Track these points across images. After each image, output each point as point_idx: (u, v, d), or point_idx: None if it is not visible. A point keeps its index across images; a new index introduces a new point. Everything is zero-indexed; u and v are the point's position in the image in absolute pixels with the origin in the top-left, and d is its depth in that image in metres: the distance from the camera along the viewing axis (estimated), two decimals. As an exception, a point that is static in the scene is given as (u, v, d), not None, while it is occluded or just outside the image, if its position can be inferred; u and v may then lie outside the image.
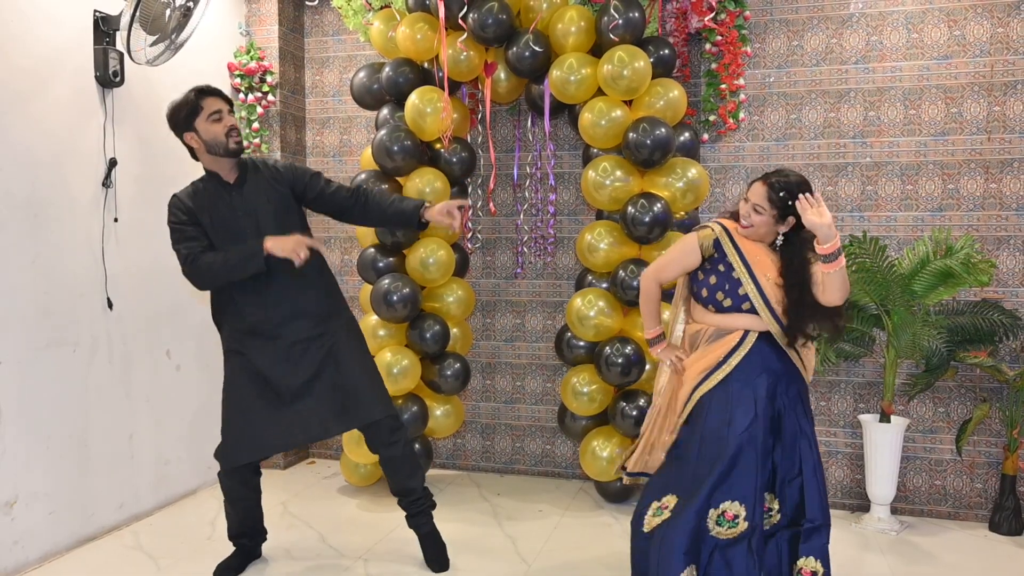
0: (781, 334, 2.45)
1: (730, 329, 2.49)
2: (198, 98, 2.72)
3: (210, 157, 2.78)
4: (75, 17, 3.25)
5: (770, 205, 2.38)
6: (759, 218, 2.40)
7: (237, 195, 2.80)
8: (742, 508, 2.35)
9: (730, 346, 2.46)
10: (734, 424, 2.39)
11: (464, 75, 3.75)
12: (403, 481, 3.03)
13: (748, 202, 2.42)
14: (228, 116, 2.75)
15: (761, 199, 2.39)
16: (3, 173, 2.95)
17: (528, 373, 4.36)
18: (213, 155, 2.76)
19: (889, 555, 3.29)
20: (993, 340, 3.54)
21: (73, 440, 3.27)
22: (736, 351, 2.45)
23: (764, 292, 2.41)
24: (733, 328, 2.48)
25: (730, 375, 2.44)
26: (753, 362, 2.44)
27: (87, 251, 3.33)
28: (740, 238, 2.47)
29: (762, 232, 2.43)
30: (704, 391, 2.47)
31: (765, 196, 2.39)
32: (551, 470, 4.35)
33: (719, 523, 2.35)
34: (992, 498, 3.66)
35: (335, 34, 4.56)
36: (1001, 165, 3.62)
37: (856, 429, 3.81)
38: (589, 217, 4.15)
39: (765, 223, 2.40)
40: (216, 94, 2.76)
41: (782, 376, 2.46)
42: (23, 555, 3.04)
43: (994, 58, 3.60)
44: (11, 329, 2.98)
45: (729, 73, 3.78)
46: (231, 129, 2.74)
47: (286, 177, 2.90)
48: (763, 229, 2.42)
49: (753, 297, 2.42)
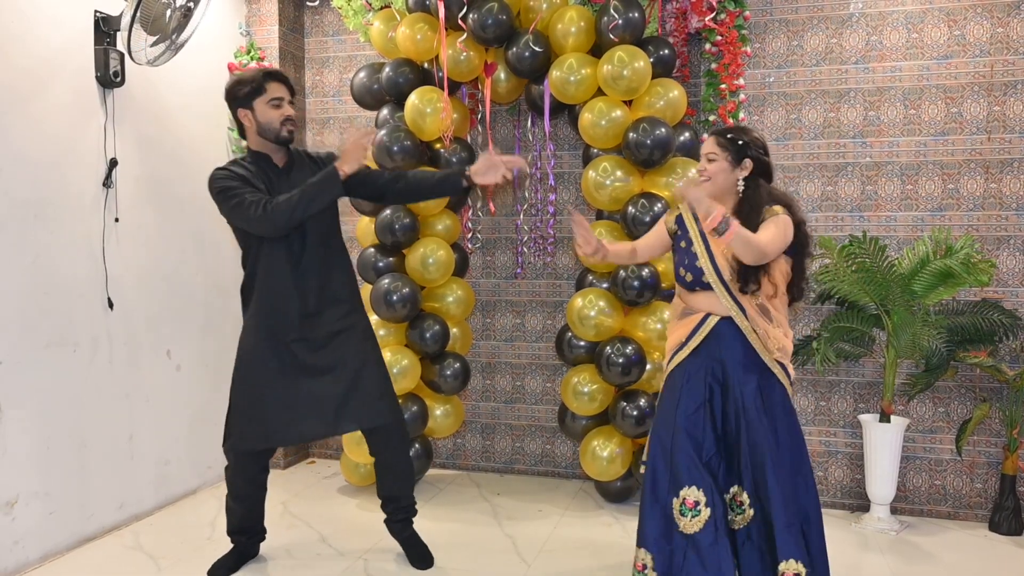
0: (737, 311, 2.39)
1: (693, 310, 2.47)
2: (264, 79, 2.72)
3: (259, 139, 2.78)
4: (76, 18, 3.25)
5: (721, 149, 2.37)
6: (715, 166, 2.38)
7: (284, 179, 2.79)
8: (700, 493, 2.31)
9: (691, 327, 2.46)
10: (680, 407, 2.40)
11: (464, 75, 3.75)
12: (397, 488, 3.06)
13: (702, 157, 2.43)
14: (287, 105, 2.76)
15: (712, 147, 2.39)
16: (3, 173, 2.95)
17: (528, 373, 4.36)
18: (263, 138, 2.77)
19: (889, 555, 3.29)
20: (993, 340, 3.54)
21: (73, 440, 3.27)
22: (695, 334, 2.44)
23: (716, 262, 2.38)
24: (696, 310, 2.47)
25: (687, 358, 2.44)
26: (711, 346, 2.42)
27: (87, 251, 3.33)
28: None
29: (721, 182, 2.39)
30: (670, 369, 2.50)
31: (715, 143, 2.39)
32: (551, 470, 4.35)
33: (683, 513, 2.33)
34: (992, 498, 3.66)
35: (335, 34, 4.56)
36: (1001, 165, 3.62)
37: (856, 429, 3.81)
38: (589, 217, 4.14)
39: (721, 169, 2.38)
40: (282, 80, 2.76)
41: (739, 365, 2.40)
42: (23, 555, 3.04)
43: (994, 58, 3.60)
44: (11, 329, 2.98)
45: (729, 73, 3.78)
46: (287, 118, 2.75)
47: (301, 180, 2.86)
48: (721, 178, 2.38)
49: (705, 268, 2.40)
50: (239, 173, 2.72)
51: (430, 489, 4.07)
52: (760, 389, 2.41)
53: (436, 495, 3.99)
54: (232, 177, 2.70)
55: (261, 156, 2.80)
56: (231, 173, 2.71)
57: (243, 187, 2.67)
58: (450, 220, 3.97)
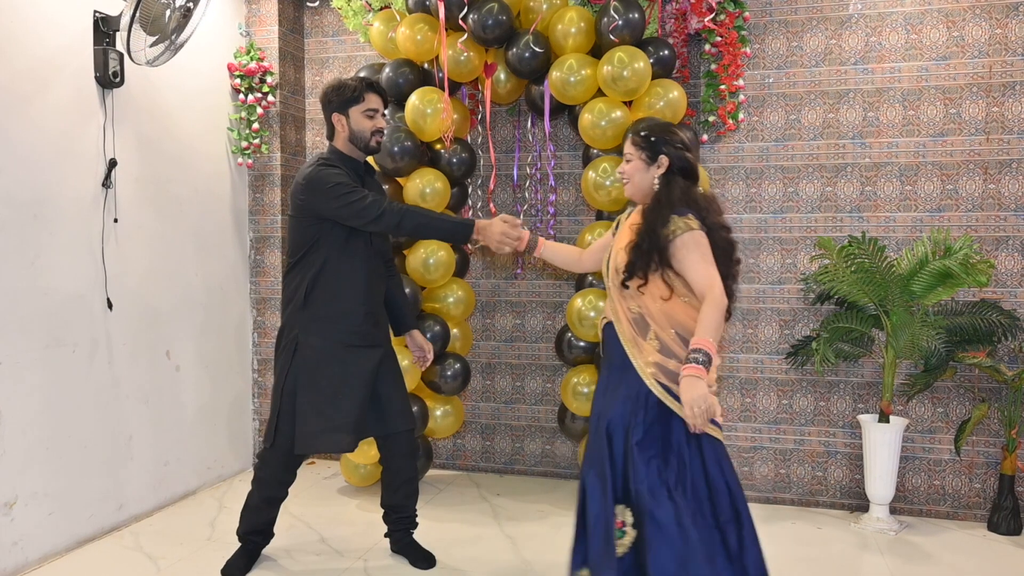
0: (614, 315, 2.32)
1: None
2: (364, 89, 2.77)
3: (349, 145, 2.83)
4: (75, 18, 3.24)
5: (636, 148, 2.33)
6: (631, 166, 2.34)
7: (367, 182, 2.91)
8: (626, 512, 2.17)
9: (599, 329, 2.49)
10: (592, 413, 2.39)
11: (464, 76, 3.75)
12: (402, 499, 3.09)
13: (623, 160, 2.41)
14: (380, 117, 2.81)
15: (628, 147, 2.36)
16: (3, 174, 2.95)
17: (528, 373, 4.37)
18: (353, 144, 2.82)
19: (888, 555, 3.30)
20: (992, 340, 3.55)
21: (72, 441, 3.27)
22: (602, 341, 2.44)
23: (611, 254, 2.38)
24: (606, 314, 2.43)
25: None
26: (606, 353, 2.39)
27: (87, 252, 3.33)
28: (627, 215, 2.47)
29: (638, 181, 2.33)
30: None
31: (630, 142, 2.36)
32: (551, 470, 4.35)
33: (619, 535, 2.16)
34: (991, 498, 3.67)
35: (335, 35, 4.56)
36: (1000, 166, 3.63)
37: (855, 429, 3.82)
38: (589, 218, 4.16)
39: (637, 169, 2.32)
40: (380, 92, 2.82)
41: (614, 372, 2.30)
42: (22, 556, 3.03)
43: (992, 59, 3.61)
44: (11, 330, 2.98)
45: (728, 74, 3.78)
46: (378, 130, 2.80)
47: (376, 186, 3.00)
48: (638, 177, 2.33)
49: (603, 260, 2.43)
50: (345, 173, 2.77)
51: (430, 489, 4.07)
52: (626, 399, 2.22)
53: (436, 495, 3.99)
54: (344, 175, 2.75)
55: (348, 159, 2.84)
56: (342, 171, 2.76)
57: (357, 186, 2.75)
58: (450, 220, 3.97)
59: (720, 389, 4.00)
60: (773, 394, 3.94)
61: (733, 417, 3.99)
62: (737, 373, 3.97)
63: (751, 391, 3.96)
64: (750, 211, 3.93)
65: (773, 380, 3.93)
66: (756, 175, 3.91)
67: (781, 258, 3.90)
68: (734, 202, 3.94)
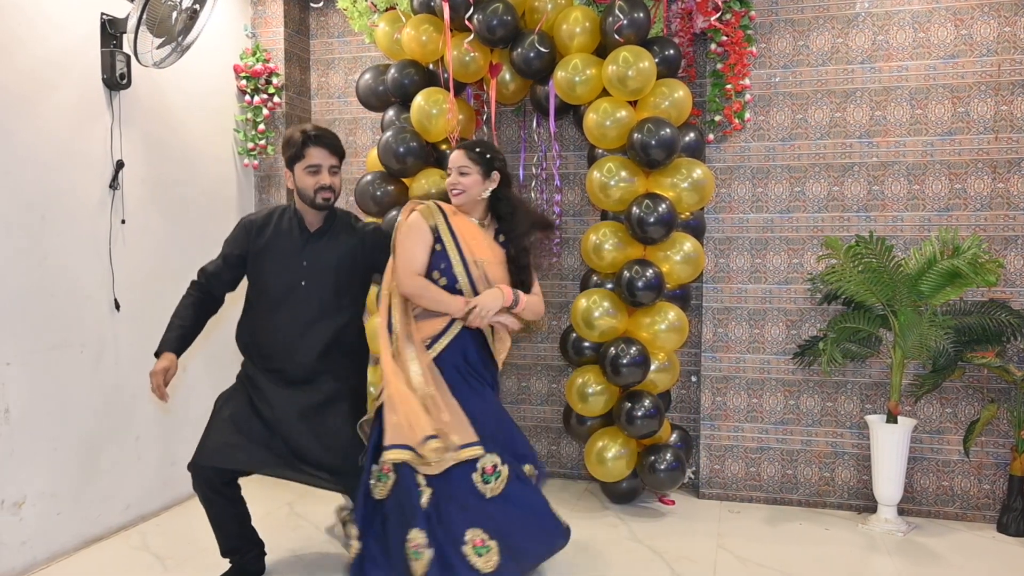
0: None
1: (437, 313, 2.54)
2: (303, 145, 2.67)
3: (299, 200, 2.75)
4: (82, 20, 3.26)
5: (472, 163, 2.53)
6: (467, 179, 2.53)
7: (312, 244, 2.73)
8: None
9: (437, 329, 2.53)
10: None
11: (469, 76, 3.75)
12: None
13: (452, 171, 2.55)
14: (326, 173, 2.67)
15: (463, 160, 2.54)
16: (11, 175, 2.96)
17: (533, 374, 4.36)
18: (302, 200, 2.74)
19: (896, 556, 3.28)
20: (1001, 340, 3.52)
21: (80, 441, 3.29)
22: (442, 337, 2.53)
23: (471, 274, 2.52)
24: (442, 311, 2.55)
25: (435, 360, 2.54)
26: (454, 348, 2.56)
27: (94, 253, 3.35)
28: (454, 218, 2.54)
29: (474, 194, 2.54)
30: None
31: (466, 156, 2.55)
32: (556, 471, 4.34)
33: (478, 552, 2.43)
34: (1000, 499, 3.64)
35: (340, 36, 4.57)
36: (1008, 165, 3.61)
37: (863, 430, 3.80)
38: (594, 218, 4.15)
39: (474, 183, 2.54)
40: (323, 144, 2.68)
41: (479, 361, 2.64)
42: (31, 555, 3.05)
43: (1001, 57, 3.58)
44: (19, 330, 3.00)
45: (734, 73, 3.77)
46: (323, 187, 2.67)
47: (369, 245, 2.83)
48: (475, 190, 2.54)
49: (456, 269, 2.52)
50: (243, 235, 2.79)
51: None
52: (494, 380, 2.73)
53: (442, 496, 3.99)
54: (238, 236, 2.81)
55: (297, 216, 2.79)
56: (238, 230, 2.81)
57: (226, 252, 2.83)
58: (455, 221, 3.97)
59: (727, 389, 3.99)
60: (780, 394, 3.92)
61: (740, 417, 3.98)
62: (744, 373, 3.96)
63: (758, 391, 3.95)
64: (756, 211, 3.91)
65: (780, 380, 3.92)
66: (762, 175, 3.90)
67: (788, 258, 3.89)
68: (740, 202, 3.93)
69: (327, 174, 2.68)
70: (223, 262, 2.81)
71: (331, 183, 2.69)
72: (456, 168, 2.54)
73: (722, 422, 3.99)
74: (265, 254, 2.76)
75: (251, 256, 2.77)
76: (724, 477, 4.00)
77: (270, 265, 2.75)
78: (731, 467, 3.99)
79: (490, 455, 2.47)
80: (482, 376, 2.64)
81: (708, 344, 3.99)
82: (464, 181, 2.53)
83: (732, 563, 3.19)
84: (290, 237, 2.77)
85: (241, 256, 2.78)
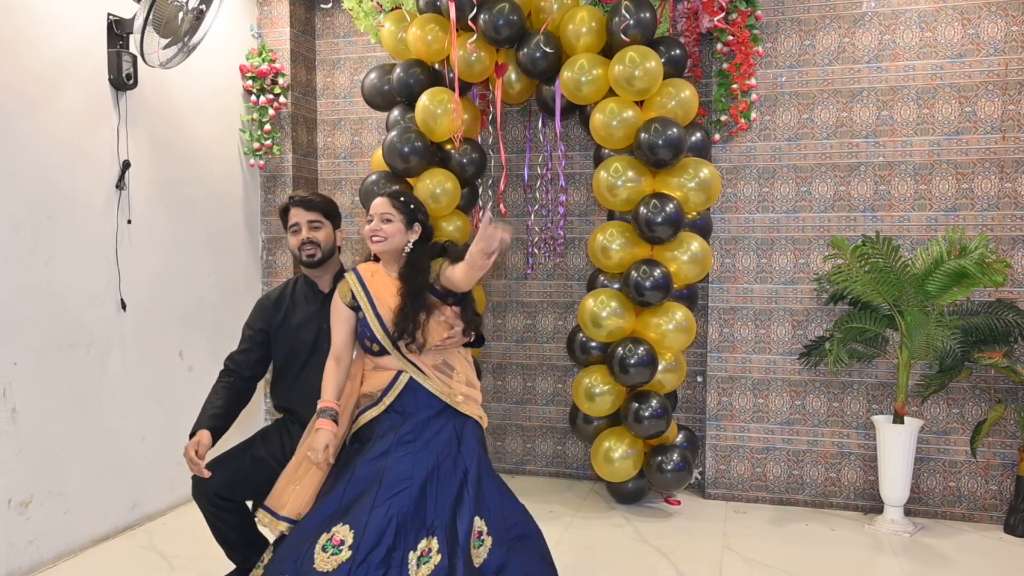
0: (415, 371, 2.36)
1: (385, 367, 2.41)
2: (285, 209, 2.73)
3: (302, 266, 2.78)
4: (88, 21, 3.27)
5: (397, 211, 2.41)
6: (391, 227, 2.40)
7: (328, 305, 2.65)
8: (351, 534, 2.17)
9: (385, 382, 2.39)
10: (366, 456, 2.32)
11: (475, 76, 3.75)
12: None
13: (374, 218, 2.41)
14: (307, 229, 2.69)
15: (387, 208, 2.41)
16: (18, 176, 2.97)
17: (539, 374, 4.36)
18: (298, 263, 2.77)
19: (902, 557, 3.27)
20: (1008, 341, 3.51)
21: (87, 440, 3.29)
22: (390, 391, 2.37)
23: (383, 320, 2.35)
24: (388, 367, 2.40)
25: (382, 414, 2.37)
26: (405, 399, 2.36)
27: (101, 253, 3.35)
28: (370, 279, 2.43)
29: (397, 243, 2.40)
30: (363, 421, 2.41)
31: (390, 204, 2.42)
32: (562, 471, 4.34)
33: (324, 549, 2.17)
34: (1007, 500, 3.63)
35: (346, 36, 4.57)
36: (1016, 164, 3.59)
37: (869, 430, 3.79)
38: (600, 218, 4.15)
39: (397, 230, 2.40)
40: (302, 204, 2.70)
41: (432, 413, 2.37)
42: (38, 554, 3.06)
43: (1008, 56, 3.57)
44: (26, 330, 3.00)
45: (741, 73, 3.76)
46: (304, 243, 2.69)
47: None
48: (397, 239, 2.40)
49: (374, 327, 2.35)
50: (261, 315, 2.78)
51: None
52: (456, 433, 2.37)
53: (447, 496, 3.99)
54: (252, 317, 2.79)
55: (307, 280, 2.81)
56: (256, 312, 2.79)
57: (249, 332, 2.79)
58: (460, 221, 3.96)
59: (733, 389, 3.99)
60: (786, 395, 3.91)
61: (746, 418, 3.97)
62: (750, 373, 3.95)
63: (764, 391, 3.94)
64: (763, 211, 3.91)
65: (786, 381, 3.91)
66: (768, 175, 3.89)
67: (794, 258, 3.88)
68: (746, 202, 3.92)
69: (307, 230, 2.70)
70: (249, 343, 2.81)
71: (311, 237, 2.70)
72: (379, 215, 2.42)
73: (728, 422, 3.99)
74: (286, 325, 2.78)
75: (273, 330, 2.79)
76: (730, 477, 4.00)
77: (293, 333, 2.77)
78: (737, 467, 3.99)
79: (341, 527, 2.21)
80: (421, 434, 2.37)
81: (714, 344, 3.99)
82: (386, 228, 2.40)
83: (738, 563, 3.19)
84: (305, 305, 2.79)
85: (264, 331, 2.79)
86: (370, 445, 2.33)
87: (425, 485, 2.23)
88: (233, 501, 2.72)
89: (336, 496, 2.25)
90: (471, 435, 2.39)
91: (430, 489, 2.23)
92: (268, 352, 2.80)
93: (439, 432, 2.34)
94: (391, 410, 2.37)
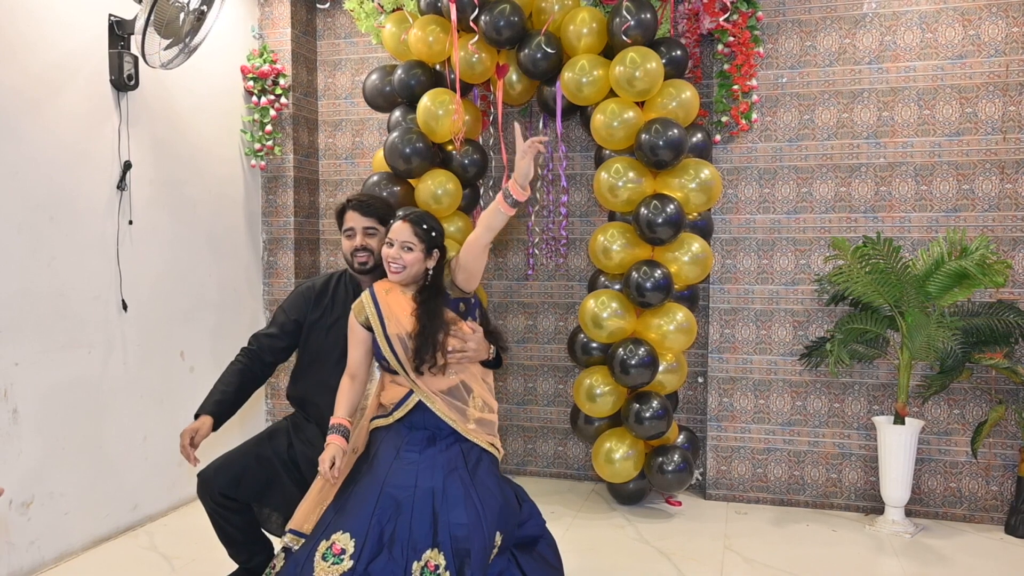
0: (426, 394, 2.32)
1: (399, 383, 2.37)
2: (342, 210, 2.68)
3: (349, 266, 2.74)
4: (90, 22, 3.27)
5: (419, 240, 2.33)
6: (411, 255, 2.32)
7: None
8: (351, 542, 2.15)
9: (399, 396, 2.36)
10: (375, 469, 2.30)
11: (476, 77, 3.75)
12: None
13: (395, 244, 2.33)
14: (362, 235, 2.64)
15: (409, 236, 2.32)
16: (19, 176, 2.97)
17: (540, 375, 4.36)
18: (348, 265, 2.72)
19: (903, 558, 3.27)
20: (1009, 341, 3.51)
21: (88, 441, 3.29)
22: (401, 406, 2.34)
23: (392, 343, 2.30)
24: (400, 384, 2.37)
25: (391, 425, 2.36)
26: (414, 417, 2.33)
27: (102, 253, 3.35)
28: (384, 296, 2.38)
29: (415, 272, 2.34)
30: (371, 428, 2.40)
31: (412, 232, 2.33)
32: (563, 472, 4.34)
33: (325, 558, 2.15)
34: (1008, 501, 3.63)
35: (347, 37, 4.57)
36: (1016, 165, 3.60)
37: (870, 431, 3.79)
38: (601, 219, 4.15)
39: (417, 259, 2.33)
40: (359, 209, 2.64)
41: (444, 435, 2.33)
42: (39, 555, 3.06)
43: (1009, 58, 3.57)
44: (27, 330, 3.01)
45: (742, 74, 3.77)
46: (357, 249, 2.65)
47: None
48: (416, 268, 2.34)
49: (383, 350, 2.31)
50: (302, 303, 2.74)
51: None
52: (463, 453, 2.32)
53: (448, 496, 3.99)
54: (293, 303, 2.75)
55: (352, 281, 2.76)
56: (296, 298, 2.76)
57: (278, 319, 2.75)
58: (462, 222, 3.97)
59: (734, 390, 3.99)
60: (787, 395, 3.92)
61: (746, 418, 3.97)
62: (751, 374, 3.95)
63: (765, 392, 3.94)
64: (763, 212, 3.91)
65: (787, 381, 3.91)
66: (769, 175, 3.90)
67: (795, 259, 3.88)
68: (747, 203, 3.92)
69: (362, 236, 2.65)
70: (279, 329, 2.75)
71: (365, 244, 2.65)
72: (400, 242, 2.33)
73: (729, 423, 3.99)
74: (321, 322, 2.74)
75: (308, 324, 2.75)
76: (731, 478, 4.00)
77: (327, 333, 2.73)
78: (738, 468, 3.99)
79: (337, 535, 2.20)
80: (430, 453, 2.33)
81: (715, 345, 3.99)
82: (407, 258, 2.32)
83: (739, 564, 3.19)
84: (345, 305, 2.72)
85: (298, 322, 2.75)
86: (375, 454, 2.32)
87: (431, 496, 2.19)
88: (238, 501, 2.71)
89: (337, 503, 2.25)
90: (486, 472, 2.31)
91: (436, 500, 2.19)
92: (295, 342, 2.75)
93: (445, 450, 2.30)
94: (400, 423, 2.34)
